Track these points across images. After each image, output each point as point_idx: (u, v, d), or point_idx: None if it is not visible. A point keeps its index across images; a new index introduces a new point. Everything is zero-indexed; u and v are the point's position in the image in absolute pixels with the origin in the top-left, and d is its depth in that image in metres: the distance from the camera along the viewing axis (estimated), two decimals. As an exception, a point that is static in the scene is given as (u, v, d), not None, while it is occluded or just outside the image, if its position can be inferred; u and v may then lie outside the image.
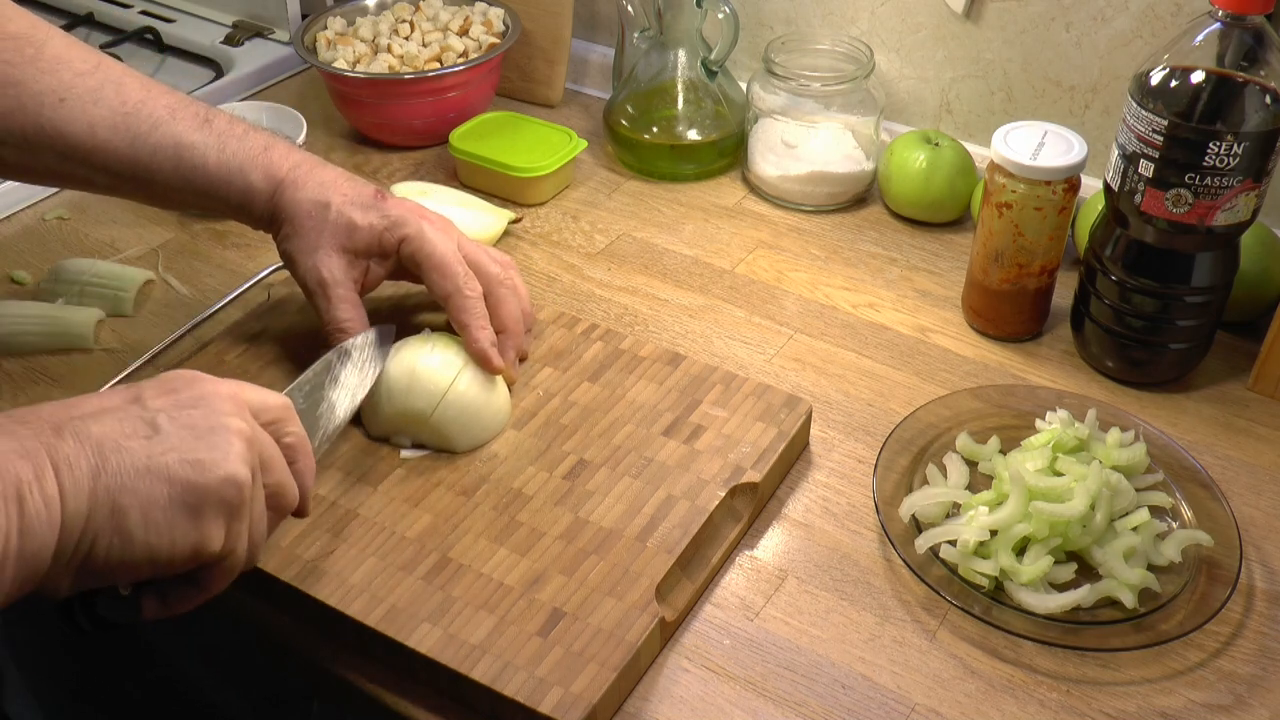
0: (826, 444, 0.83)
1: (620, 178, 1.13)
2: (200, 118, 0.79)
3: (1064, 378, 0.89)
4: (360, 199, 0.79)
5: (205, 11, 1.38)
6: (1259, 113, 0.76)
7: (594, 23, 1.26)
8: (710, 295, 0.97)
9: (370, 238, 0.78)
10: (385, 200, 0.80)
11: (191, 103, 0.80)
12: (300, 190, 0.79)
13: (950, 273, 1.00)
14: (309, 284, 0.79)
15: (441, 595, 0.68)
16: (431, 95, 1.12)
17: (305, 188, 0.79)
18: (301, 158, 0.81)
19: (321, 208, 0.78)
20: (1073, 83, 1.02)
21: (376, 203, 0.79)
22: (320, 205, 0.78)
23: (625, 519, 0.72)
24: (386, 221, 0.78)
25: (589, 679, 0.63)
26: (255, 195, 0.79)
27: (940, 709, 0.66)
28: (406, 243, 0.78)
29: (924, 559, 0.72)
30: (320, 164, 0.81)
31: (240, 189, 0.79)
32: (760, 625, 0.71)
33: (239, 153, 0.79)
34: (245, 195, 0.79)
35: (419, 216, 0.79)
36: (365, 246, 0.79)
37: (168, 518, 0.55)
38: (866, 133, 1.06)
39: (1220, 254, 0.83)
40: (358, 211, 0.78)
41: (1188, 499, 0.76)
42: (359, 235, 0.78)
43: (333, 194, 0.79)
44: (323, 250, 0.78)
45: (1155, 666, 0.68)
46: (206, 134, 0.79)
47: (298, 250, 0.79)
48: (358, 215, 0.78)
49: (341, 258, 0.79)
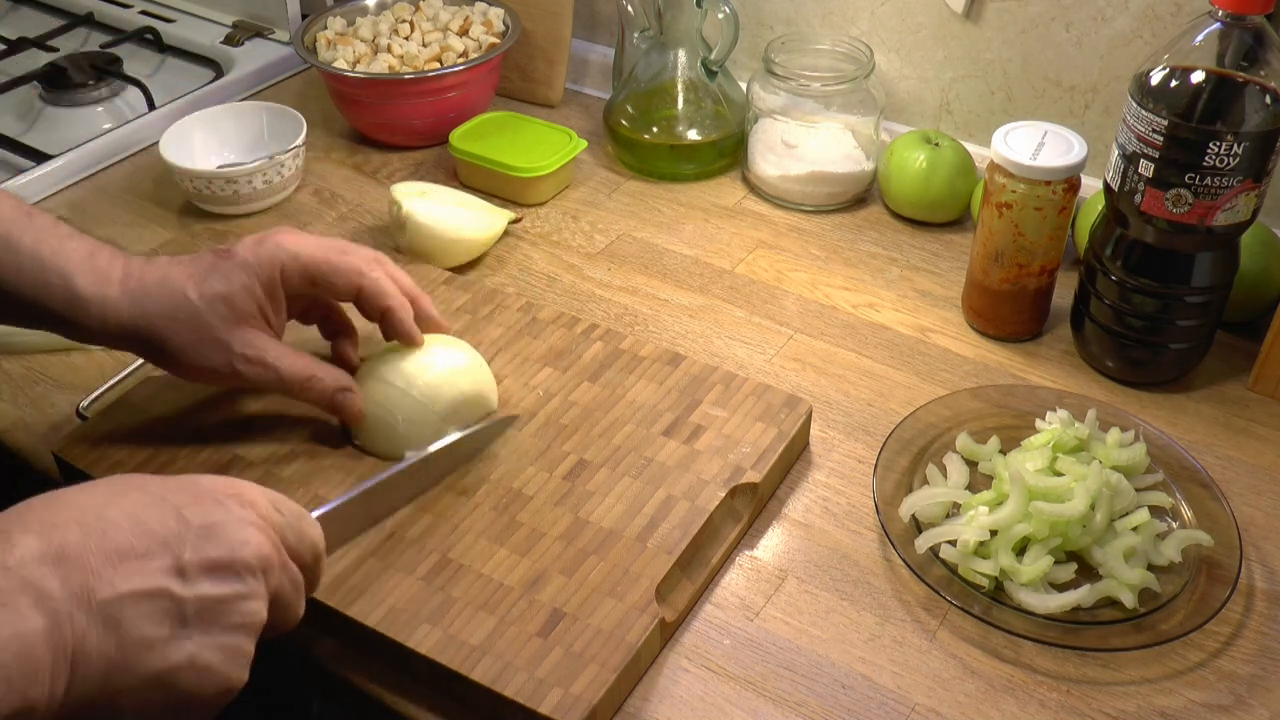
0: (826, 444, 0.83)
1: (620, 178, 1.13)
2: (20, 211, 0.71)
3: (1064, 378, 0.89)
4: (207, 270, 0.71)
5: (205, 11, 1.38)
6: (1259, 113, 0.76)
7: (594, 23, 1.26)
8: (710, 295, 0.97)
9: (249, 298, 0.71)
10: (230, 255, 0.72)
11: (10, 198, 0.72)
12: (148, 301, 0.70)
13: (950, 273, 1.00)
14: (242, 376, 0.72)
15: (441, 595, 0.68)
16: (431, 95, 1.12)
17: (150, 295, 0.70)
18: (126, 264, 0.71)
19: (184, 304, 0.70)
20: (1073, 83, 1.02)
21: (224, 262, 0.72)
22: (181, 303, 0.70)
23: (625, 519, 0.72)
24: (250, 270, 0.71)
25: (589, 679, 0.63)
26: (83, 304, 0.70)
27: (940, 709, 0.66)
28: (287, 270, 0.72)
29: (924, 559, 0.72)
30: (146, 262, 0.72)
31: (63, 296, 0.69)
32: (760, 625, 0.71)
33: (60, 253, 0.70)
34: (70, 304, 0.70)
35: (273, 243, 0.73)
36: (254, 307, 0.72)
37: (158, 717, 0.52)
38: (866, 133, 1.06)
39: (1220, 254, 0.83)
40: (218, 282, 0.71)
41: (1188, 499, 0.76)
42: (238, 301, 0.71)
43: (183, 283, 0.71)
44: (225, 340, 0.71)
45: (1155, 666, 0.68)
46: (23, 231, 0.69)
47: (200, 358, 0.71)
48: (220, 285, 0.71)
49: (243, 331, 0.71)
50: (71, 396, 0.86)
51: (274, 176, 1.05)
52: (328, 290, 0.75)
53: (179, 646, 0.52)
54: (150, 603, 0.51)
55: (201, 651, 0.52)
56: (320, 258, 0.74)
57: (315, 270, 0.73)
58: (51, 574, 0.49)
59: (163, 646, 0.51)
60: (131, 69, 1.27)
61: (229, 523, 0.54)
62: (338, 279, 0.74)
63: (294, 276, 0.73)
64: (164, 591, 0.51)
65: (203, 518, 0.54)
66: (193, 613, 0.52)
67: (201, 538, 0.53)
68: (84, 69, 1.24)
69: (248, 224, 1.06)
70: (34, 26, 1.38)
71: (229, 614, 0.53)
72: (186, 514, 0.53)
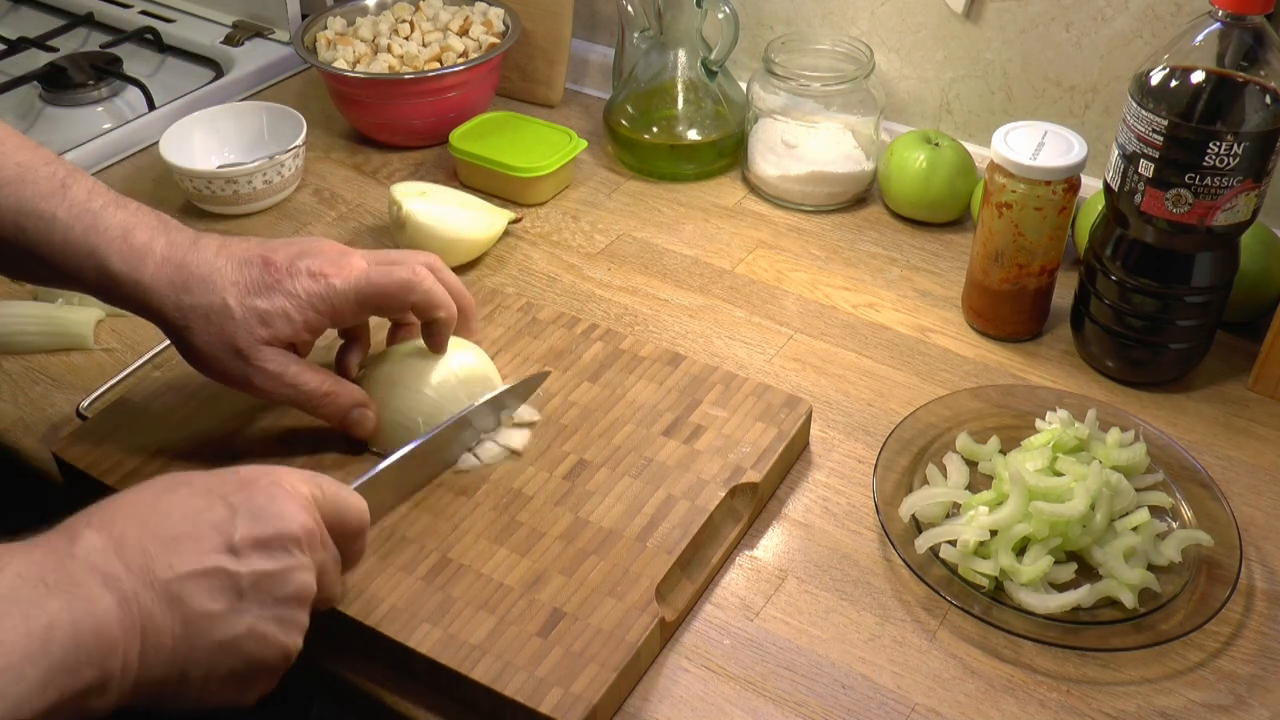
0: (826, 444, 0.83)
1: (620, 178, 1.13)
2: (55, 182, 0.70)
3: (1064, 378, 0.89)
4: (255, 284, 0.71)
5: (205, 11, 1.38)
6: (1259, 113, 0.76)
7: (594, 23, 1.26)
8: (710, 295, 0.97)
9: (287, 326, 0.71)
10: (281, 280, 0.71)
11: (50, 162, 0.71)
12: (186, 295, 0.70)
13: (950, 273, 1.00)
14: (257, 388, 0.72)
15: (441, 595, 0.68)
16: (431, 95, 1.12)
17: (190, 289, 0.70)
18: (167, 244, 0.71)
19: (221, 310, 0.70)
20: (1073, 83, 1.02)
21: (272, 280, 0.71)
22: (219, 307, 0.70)
23: (625, 519, 0.72)
24: (297, 301, 0.71)
25: (589, 679, 0.63)
26: (117, 283, 0.70)
27: (940, 709, 0.66)
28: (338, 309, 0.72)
29: (924, 559, 0.72)
30: (191, 244, 0.71)
31: (94, 275, 0.70)
32: (760, 625, 0.71)
33: (92, 231, 0.69)
34: (103, 281, 0.70)
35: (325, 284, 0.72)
36: (289, 333, 0.71)
37: (222, 685, 0.57)
38: (866, 133, 1.06)
39: (1220, 254, 0.83)
40: (263, 300, 0.70)
41: (1188, 499, 0.76)
42: (276, 324, 0.71)
43: (225, 290, 0.70)
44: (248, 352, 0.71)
45: (1155, 666, 0.68)
46: (56, 205, 0.69)
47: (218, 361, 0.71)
48: (264, 304, 0.70)
49: (269, 349, 0.71)
50: (71, 396, 0.86)
51: (274, 176, 1.05)
52: (381, 313, 0.76)
53: (238, 618, 0.56)
54: (207, 580, 0.55)
55: (259, 622, 0.57)
56: (371, 288, 0.72)
57: (368, 300, 0.73)
58: (115, 560, 0.53)
59: (223, 619, 0.55)
60: (131, 69, 1.27)
61: (272, 504, 0.58)
62: (391, 302, 0.73)
63: (347, 314, 0.73)
64: (219, 569, 0.56)
65: (248, 502, 0.58)
66: (248, 586, 0.56)
67: (248, 519, 0.57)
68: (84, 69, 1.24)
69: (248, 224, 1.06)
70: (34, 26, 1.38)
71: (281, 586, 0.57)
72: (233, 500, 0.58)
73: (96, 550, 0.53)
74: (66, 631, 0.50)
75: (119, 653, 0.52)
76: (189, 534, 0.56)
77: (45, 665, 0.49)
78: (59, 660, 0.50)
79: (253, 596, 0.57)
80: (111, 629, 0.52)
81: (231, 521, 0.57)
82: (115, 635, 0.52)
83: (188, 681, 0.55)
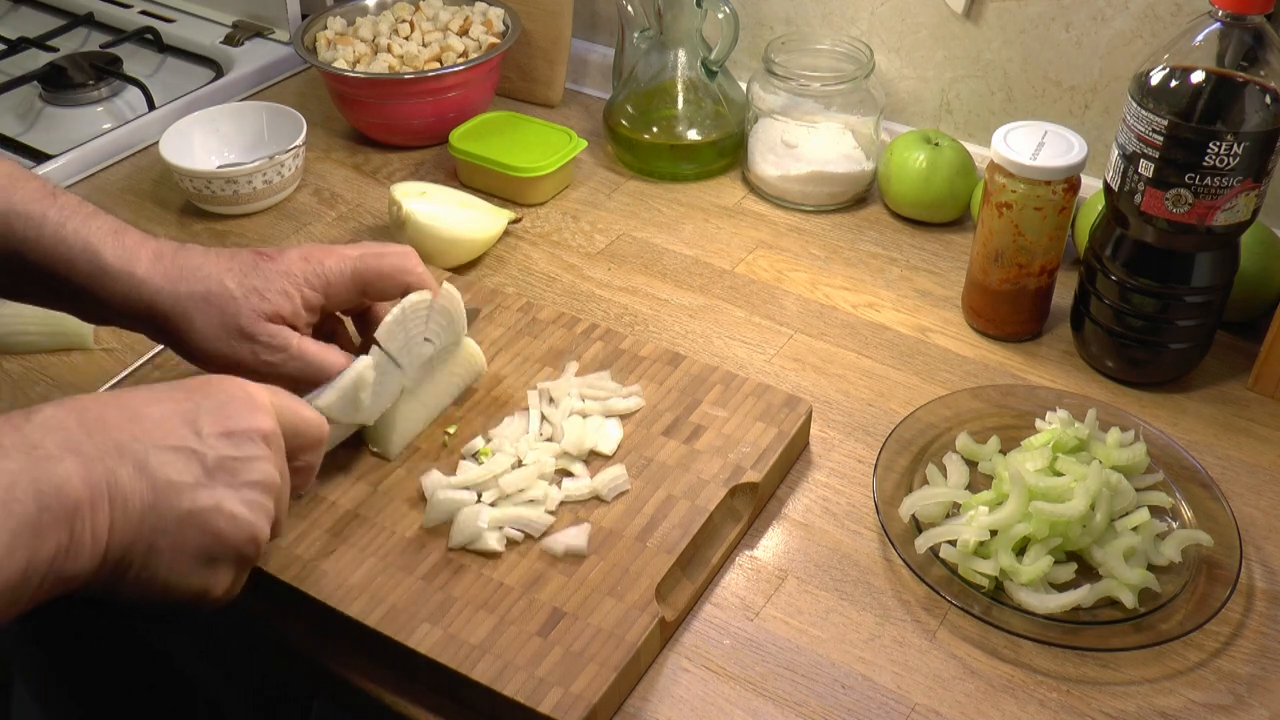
0: (826, 444, 0.83)
1: (620, 178, 1.13)
2: (44, 191, 0.70)
3: (1064, 378, 0.89)
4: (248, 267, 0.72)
5: (205, 11, 1.38)
6: (1259, 113, 0.76)
7: (594, 23, 1.26)
8: (710, 295, 0.97)
9: (285, 302, 0.72)
10: (273, 260, 0.73)
11: (35, 177, 0.71)
12: (182, 284, 0.70)
13: (950, 273, 1.00)
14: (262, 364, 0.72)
15: (441, 595, 0.68)
16: (431, 95, 1.12)
17: (186, 279, 0.70)
18: (158, 244, 0.72)
19: (220, 292, 0.70)
20: (1073, 83, 1.02)
21: (266, 264, 0.72)
22: (217, 291, 0.70)
23: (625, 519, 0.72)
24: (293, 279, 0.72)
25: (589, 679, 0.63)
26: (111, 276, 0.70)
27: (940, 709, 0.66)
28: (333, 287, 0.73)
29: (924, 559, 0.72)
30: (180, 246, 0.72)
31: (88, 270, 0.69)
32: (760, 625, 0.71)
33: (84, 230, 0.70)
34: (96, 278, 0.70)
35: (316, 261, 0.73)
36: (288, 311, 0.72)
37: (191, 562, 0.58)
38: (866, 133, 1.06)
39: (1220, 254, 0.83)
40: (258, 279, 0.71)
41: (1188, 499, 0.76)
42: (274, 301, 0.72)
43: (222, 274, 0.71)
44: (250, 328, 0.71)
45: (1155, 666, 0.68)
46: (47, 207, 0.69)
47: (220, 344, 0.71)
48: (259, 282, 0.71)
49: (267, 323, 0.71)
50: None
51: (274, 176, 1.05)
52: (377, 294, 0.76)
53: (207, 492, 0.57)
54: (174, 454, 0.56)
55: (225, 500, 0.58)
56: (365, 268, 0.74)
57: (366, 280, 0.74)
58: (77, 428, 0.54)
59: (191, 490, 0.56)
60: (131, 69, 1.27)
61: (234, 402, 0.60)
62: (388, 282, 0.75)
63: (341, 292, 0.74)
64: (185, 447, 0.57)
65: (213, 398, 0.60)
66: (213, 465, 0.58)
67: (213, 412, 0.59)
68: (84, 69, 1.24)
69: (248, 224, 1.06)
70: (34, 26, 1.38)
71: (246, 471, 0.59)
72: (197, 396, 0.59)
73: (56, 419, 0.53)
74: (28, 490, 0.50)
75: (85, 513, 0.52)
76: (150, 414, 0.57)
77: (10, 526, 0.49)
78: (23, 519, 0.50)
79: (220, 477, 0.58)
80: (75, 488, 0.52)
81: (197, 413, 0.58)
82: (80, 495, 0.52)
83: (157, 552, 0.56)
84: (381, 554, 0.70)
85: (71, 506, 0.51)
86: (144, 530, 0.55)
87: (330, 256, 0.74)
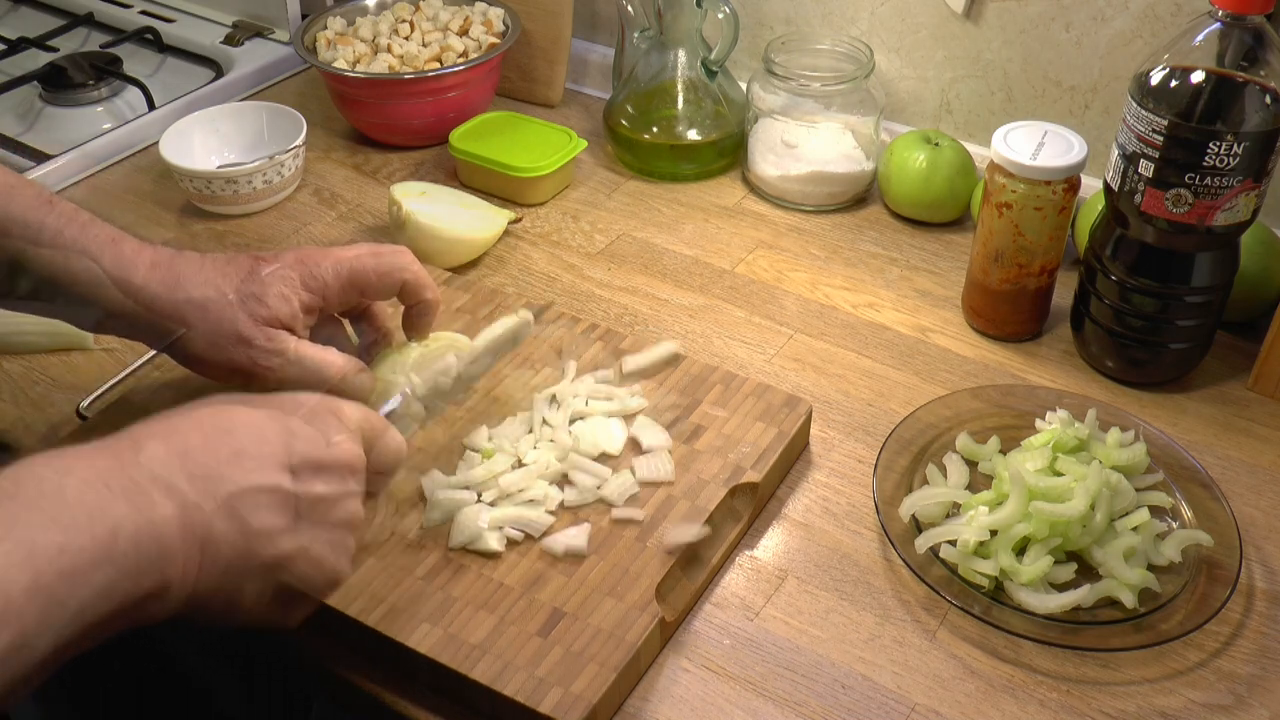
0: (826, 444, 0.83)
1: (620, 178, 1.13)
2: (42, 199, 0.71)
3: (1064, 378, 0.89)
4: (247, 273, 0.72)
5: (205, 11, 1.38)
6: (1259, 113, 0.76)
7: (594, 23, 1.26)
8: (710, 295, 0.97)
9: (284, 306, 0.72)
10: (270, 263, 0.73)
11: (32, 184, 0.71)
12: (179, 290, 0.71)
13: (950, 273, 1.00)
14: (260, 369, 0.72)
15: (441, 595, 0.68)
16: (431, 95, 1.12)
17: (183, 285, 0.71)
18: (155, 252, 0.72)
19: (218, 299, 0.71)
20: (1073, 83, 1.02)
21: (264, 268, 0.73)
22: (215, 297, 0.71)
23: (625, 519, 0.72)
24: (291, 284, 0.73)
25: (589, 679, 0.63)
26: (108, 289, 0.70)
27: (940, 709, 0.66)
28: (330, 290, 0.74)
29: (924, 559, 0.72)
30: (177, 253, 0.73)
31: (85, 277, 0.70)
32: (760, 625, 0.71)
33: (82, 238, 0.70)
34: (93, 286, 0.70)
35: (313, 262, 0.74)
36: (286, 314, 0.72)
37: (271, 601, 0.59)
38: (866, 133, 1.06)
39: (1220, 254, 0.83)
40: (256, 285, 0.72)
41: (1188, 499, 0.76)
42: (273, 305, 0.72)
43: (220, 280, 0.72)
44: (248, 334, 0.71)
45: (1155, 666, 0.68)
46: (45, 214, 0.70)
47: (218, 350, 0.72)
48: (257, 288, 0.72)
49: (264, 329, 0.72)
50: (71, 396, 0.86)
51: (274, 176, 1.05)
52: (375, 293, 0.76)
53: (294, 537, 0.57)
54: (268, 496, 0.56)
55: (312, 544, 0.58)
56: (362, 267, 0.75)
57: (363, 279, 0.75)
58: (179, 470, 0.54)
59: (280, 536, 0.57)
60: (131, 69, 1.27)
61: (329, 429, 0.60)
62: (385, 280, 0.75)
63: (338, 294, 0.75)
64: (279, 488, 0.57)
65: (305, 424, 0.60)
66: (305, 508, 0.58)
67: (306, 442, 0.59)
68: (84, 69, 1.24)
69: (248, 224, 1.06)
70: (34, 26, 1.38)
71: (334, 511, 0.59)
72: (291, 424, 0.59)
73: (160, 460, 0.54)
74: (130, 537, 0.50)
75: (179, 561, 0.52)
76: (251, 451, 0.57)
77: (111, 570, 0.49)
78: (123, 565, 0.50)
79: (309, 517, 0.58)
80: (172, 537, 0.52)
81: (290, 443, 0.58)
82: (176, 543, 0.52)
83: (240, 594, 0.56)
84: (381, 554, 0.70)
85: (168, 555, 0.52)
86: (231, 575, 0.55)
87: (327, 258, 0.74)
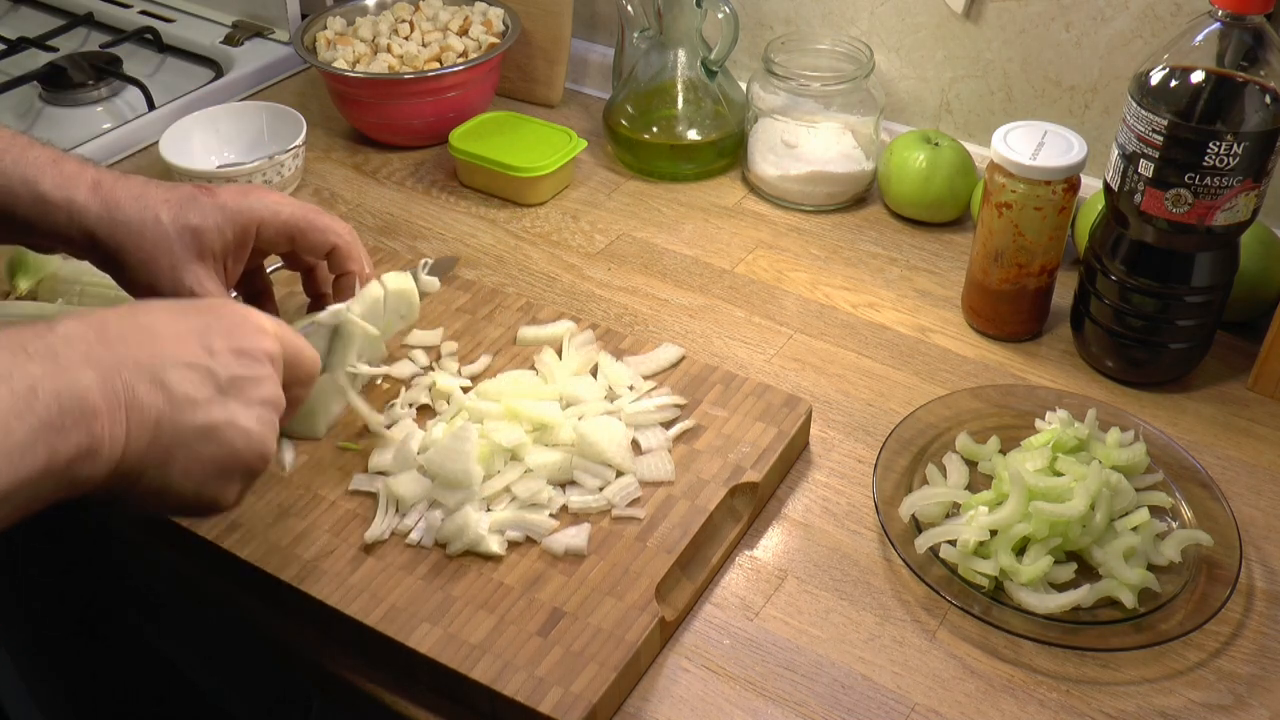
0: (826, 444, 0.83)
1: (620, 178, 1.13)
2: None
3: (1064, 378, 0.89)
4: (186, 200, 0.73)
5: (205, 11, 1.38)
6: (1259, 113, 0.76)
7: (594, 23, 1.26)
8: (710, 295, 0.97)
9: (219, 239, 0.73)
10: (211, 194, 0.74)
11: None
12: (118, 211, 0.71)
13: (950, 273, 1.00)
14: None
15: (441, 595, 0.68)
16: (431, 95, 1.12)
17: (122, 207, 0.71)
18: (97, 172, 0.73)
19: (154, 225, 0.72)
20: (1073, 83, 1.02)
21: (204, 199, 0.73)
22: (151, 223, 0.71)
23: (625, 519, 0.72)
24: (227, 214, 0.73)
25: (589, 679, 0.63)
26: (51, 209, 0.70)
27: (940, 709, 0.66)
28: (265, 225, 0.75)
29: (924, 559, 0.72)
30: (120, 175, 0.73)
31: (29, 200, 0.70)
32: (760, 625, 0.71)
33: (21, 161, 0.70)
34: (37, 207, 0.70)
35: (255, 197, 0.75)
36: (219, 248, 0.73)
37: (204, 475, 0.59)
38: (866, 132, 1.06)
39: (1220, 254, 0.83)
40: (194, 215, 0.73)
41: (1188, 499, 0.76)
42: (207, 239, 0.73)
43: (158, 207, 0.72)
44: (180, 269, 0.72)
45: (1155, 666, 0.68)
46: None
47: (151, 278, 0.72)
48: (195, 218, 0.72)
49: (200, 266, 0.73)
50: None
51: (274, 176, 1.05)
52: (304, 247, 0.78)
53: (221, 407, 0.58)
54: (190, 369, 0.58)
55: (238, 416, 0.59)
56: (300, 216, 0.76)
57: (295, 227, 0.76)
58: (96, 341, 0.55)
59: (205, 405, 0.58)
60: (131, 69, 1.27)
61: (244, 324, 0.62)
62: (316, 236, 0.77)
63: (271, 231, 0.76)
64: (200, 364, 0.58)
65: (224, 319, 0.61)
66: (226, 382, 0.59)
67: (224, 333, 0.60)
68: (84, 69, 1.24)
69: (248, 224, 1.06)
70: (34, 26, 1.38)
71: (256, 389, 0.60)
72: (208, 317, 0.61)
73: (78, 333, 0.54)
74: (50, 393, 0.51)
75: (104, 420, 0.53)
76: (167, 332, 0.58)
77: (31, 422, 0.50)
78: (44, 418, 0.51)
79: (231, 393, 0.59)
80: (94, 396, 0.53)
81: (208, 332, 0.60)
82: (98, 401, 0.53)
83: (170, 462, 0.57)
84: (381, 554, 0.70)
85: (90, 412, 0.52)
86: (159, 440, 0.56)
87: (270, 195, 0.76)
